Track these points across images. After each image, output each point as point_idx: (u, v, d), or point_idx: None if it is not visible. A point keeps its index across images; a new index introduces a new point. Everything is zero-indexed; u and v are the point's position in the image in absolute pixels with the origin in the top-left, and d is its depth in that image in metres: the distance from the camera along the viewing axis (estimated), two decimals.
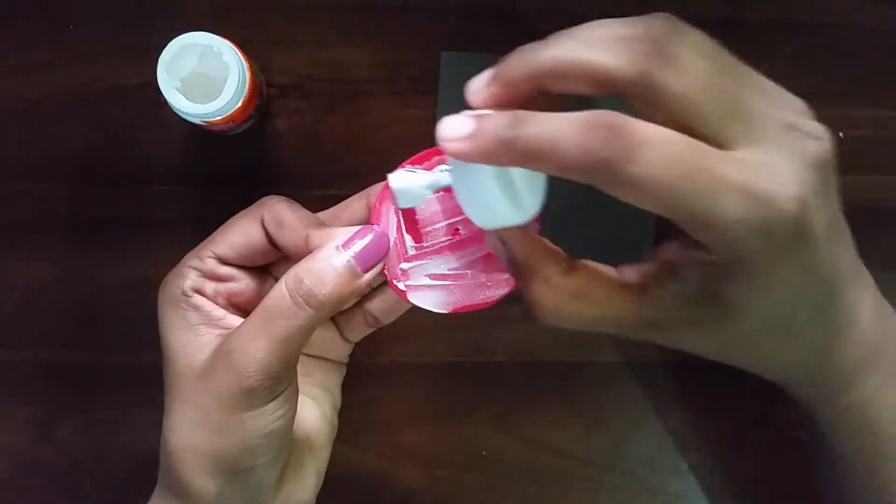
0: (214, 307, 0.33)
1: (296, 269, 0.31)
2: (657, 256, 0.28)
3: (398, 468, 0.44)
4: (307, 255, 0.31)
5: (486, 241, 0.33)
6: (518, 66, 0.25)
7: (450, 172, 0.28)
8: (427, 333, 0.44)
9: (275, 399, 0.31)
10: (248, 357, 0.30)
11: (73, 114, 0.42)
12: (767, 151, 0.24)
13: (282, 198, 0.34)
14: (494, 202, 0.26)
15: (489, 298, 0.33)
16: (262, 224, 0.33)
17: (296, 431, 0.34)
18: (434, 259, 0.33)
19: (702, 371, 0.44)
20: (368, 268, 0.31)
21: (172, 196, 0.42)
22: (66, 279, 0.42)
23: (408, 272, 0.33)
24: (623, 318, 0.28)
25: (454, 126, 0.25)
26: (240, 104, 0.36)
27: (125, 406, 0.42)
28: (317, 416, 0.37)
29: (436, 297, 0.33)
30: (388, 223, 0.33)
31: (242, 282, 0.34)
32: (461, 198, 0.27)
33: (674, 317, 0.28)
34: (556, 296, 0.28)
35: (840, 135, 0.43)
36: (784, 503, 0.44)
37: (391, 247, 0.32)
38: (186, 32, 0.35)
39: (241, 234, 0.33)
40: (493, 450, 0.44)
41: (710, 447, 0.45)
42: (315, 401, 0.38)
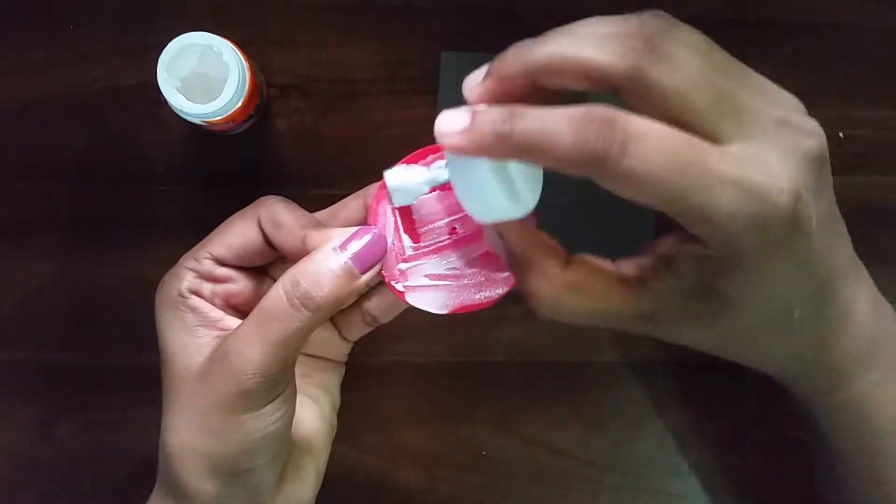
0: (212, 308, 0.33)
1: (293, 271, 0.30)
2: (654, 250, 0.28)
3: (397, 468, 0.44)
4: (304, 257, 0.31)
5: (484, 236, 0.33)
6: (513, 62, 0.26)
7: (448, 167, 0.28)
8: (426, 333, 0.44)
9: (273, 401, 0.31)
10: (245, 360, 0.30)
11: (73, 114, 0.42)
12: (760, 146, 0.25)
13: (279, 198, 0.34)
14: (492, 196, 0.26)
15: (488, 298, 0.33)
16: (259, 225, 0.33)
17: (295, 432, 0.34)
18: (432, 259, 0.33)
19: (702, 371, 0.44)
20: (366, 269, 0.31)
21: (172, 196, 0.42)
22: (66, 279, 0.42)
23: (406, 273, 0.33)
24: (620, 312, 0.28)
25: (451, 120, 0.25)
26: (240, 104, 0.36)
27: (125, 406, 0.42)
28: (316, 417, 0.37)
29: (434, 298, 0.33)
30: (386, 224, 0.33)
31: (240, 283, 0.34)
32: (459, 192, 0.27)
33: (671, 310, 0.28)
34: (554, 289, 0.28)
35: (840, 135, 0.43)
36: (784, 503, 0.44)
37: (389, 247, 0.32)
38: (186, 32, 0.35)
39: (238, 235, 0.33)
40: (493, 450, 0.44)
41: (710, 447, 0.45)
42: (314, 401, 0.38)
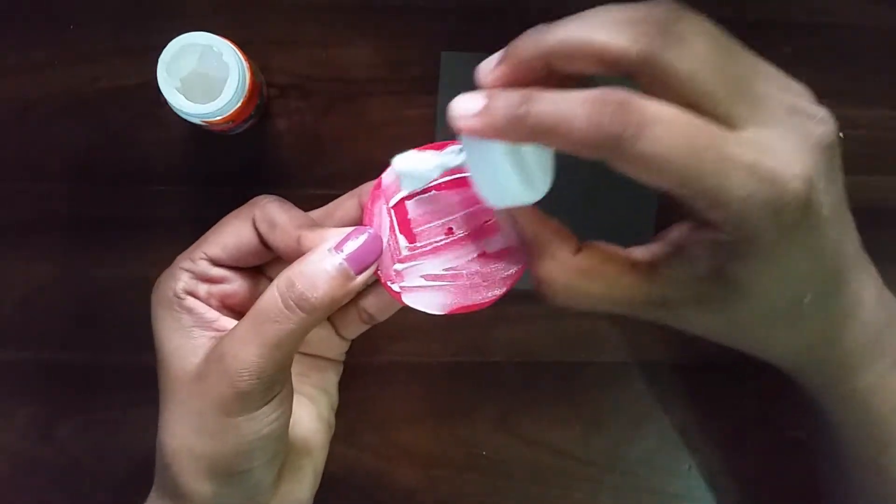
0: (207, 309, 0.33)
1: (287, 272, 0.30)
2: (666, 238, 0.28)
3: (396, 468, 0.44)
4: (299, 258, 0.31)
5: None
6: (527, 47, 0.26)
7: (463, 151, 0.28)
8: (425, 333, 0.44)
9: (269, 402, 0.31)
10: (241, 361, 0.29)
11: (73, 114, 0.42)
12: (773, 132, 0.25)
13: (274, 197, 0.34)
14: (506, 179, 0.26)
15: (486, 299, 0.33)
16: (254, 224, 0.33)
17: (292, 432, 0.34)
18: (428, 259, 0.32)
19: (702, 371, 0.44)
20: (361, 270, 0.31)
21: (172, 196, 0.42)
22: (66, 279, 0.42)
23: (402, 273, 0.32)
24: (632, 297, 0.28)
25: (466, 104, 0.25)
26: (240, 104, 0.36)
27: (125, 406, 0.42)
28: (313, 417, 0.37)
29: (431, 298, 0.32)
30: (381, 224, 0.32)
31: (235, 283, 0.34)
32: (473, 176, 0.28)
33: (683, 296, 0.28)
34: (566, 274, 0.28)
35: (840, 135, 0.43)
36: (784, 503, 0.44)
37: (384, 248, 0.32)
38: (186, 32, 0.35)
39: (233, 235, 0.33)
40: (493, 450, 0.44)
41: (710, 447, 0.45)
42: (312, 401, 0.37)
